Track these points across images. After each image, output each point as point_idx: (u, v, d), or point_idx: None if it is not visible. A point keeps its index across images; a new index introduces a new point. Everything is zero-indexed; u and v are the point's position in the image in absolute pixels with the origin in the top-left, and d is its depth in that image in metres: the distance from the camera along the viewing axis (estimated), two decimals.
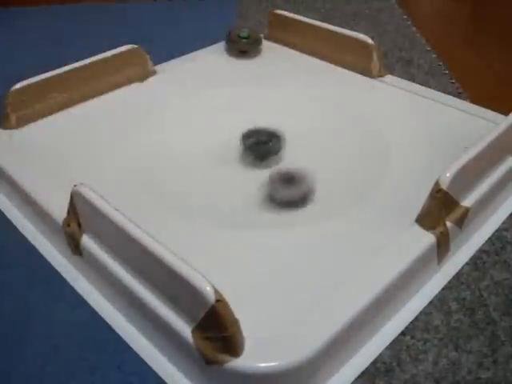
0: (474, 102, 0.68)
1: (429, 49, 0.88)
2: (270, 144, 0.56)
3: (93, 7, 1.10)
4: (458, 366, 0.40)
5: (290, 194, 0.50)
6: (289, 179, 0.51)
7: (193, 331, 0.36)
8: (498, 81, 0.79)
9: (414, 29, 0.96)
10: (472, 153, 0.46)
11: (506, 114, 0.61)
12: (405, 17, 1.01)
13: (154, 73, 0.72)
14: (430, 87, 0.70)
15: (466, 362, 0.40)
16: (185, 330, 0.37)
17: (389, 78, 0.70)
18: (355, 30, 0.72)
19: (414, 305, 0.44)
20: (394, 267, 0.42)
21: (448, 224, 0.46)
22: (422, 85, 0.69)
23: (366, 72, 0.70)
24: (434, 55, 0.86)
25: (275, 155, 0.57)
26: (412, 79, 0.75)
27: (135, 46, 0.70)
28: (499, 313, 0.44)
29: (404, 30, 0.95)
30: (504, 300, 0.45)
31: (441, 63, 0.83)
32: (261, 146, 0.56)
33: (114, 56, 0.68)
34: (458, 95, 0.72)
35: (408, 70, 0.81)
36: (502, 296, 0.45)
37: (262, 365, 0.35)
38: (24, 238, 0.52)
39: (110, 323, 0.43)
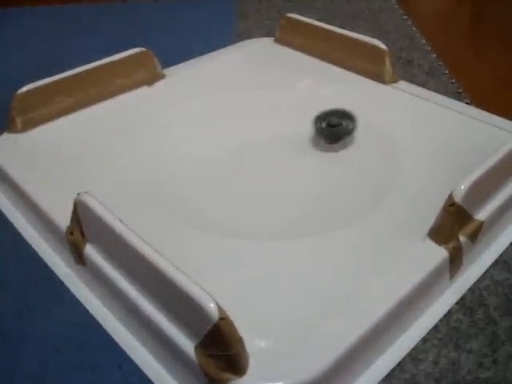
0: (473, 102, 0.68)
1: (429, 49, 0.88)
2: (342, 125, 0.58)
3: (93, 7, 1.10)
4: (458, 366, 0.40)
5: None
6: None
7: (196, 348, 0.36)
8: (498, 81, 0.79)
9: (414, 29, 0.96)
10: (487, 165, 0.45)
11: (504, 113, 0.61)
12: (405, 17, 1.01)
13: (162, 76, 0.71)
14: (429, 87, 0.70)
15: (465, 362, 0.40)
16: (188, 346, 0.36)
17: (402, 84, 0.69)
18: (355, 31, 0.72)
19: (425, 321, 0.43)
20: (405, 282, 0.41)
21: (461, 238, 0.45)
22: (421, 85, 0.69)
23: (378, 78, 0.68)
24: (434, 55, 0.86)
25: (348, 136, 0.58)
26: (412, 79, 0.75)
27: (143, 49, 0.69)
28: (499, 312, 0.44)
29: (404, 30, 0.96)
30: (504, 300, 0.45)
31: (441, 63, 0.83)
32: (333, 128, 0.58)
33: (121, 59, 0.67)
34: (458, 95, 0.72)
35: (408, 69, 0.81)
36: (502, 296, 0.46)
37: None
38: (27, 244, 0.52)
39: (112, 336, 0.43)
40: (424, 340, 0.42)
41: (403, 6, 1.06)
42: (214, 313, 0.33)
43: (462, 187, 0.43)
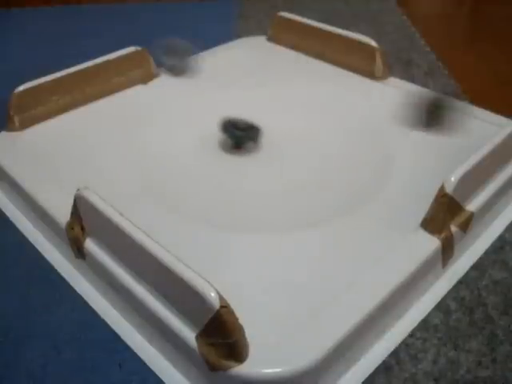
0: (472, 102, 0.68)
1: (428, 49, 0.88)
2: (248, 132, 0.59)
3: (93, 8, 1.10)
4: (457, 365, 0.40)
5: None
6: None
7: (197, 337, 0.36)
8: (497, 81, 0.80)
9: (414, 29, 0.96)
10: (477, 157, 0.46)
11: (504, 114, 0.61)
12: (404, 17, 1.02)
13: (157, 75, 0.72)
14: (429, 87, 0.71)
15: (464, 361, 0.40)
16: (189, 335, 0.37)
17: (392, 80, 0.70)
18: (355, 31, 0.72)
19: (419, 309, 0.44)
20: (399, 271, 0.42)
21: (453, 228, 0.46)
22: (421, 85, 0.69)
23: (369, 74, 0.69)
24: (434, 55, 0.86)
25: (253, 143, 0.59)
26: (411, 79, 0.75)
27: (139, 48, 0.70)
28: (498, 312, 0.44)
29: (403, 31, 0.96)
30: (503, 299, 0.45)
31: (440, 63, 0.83)
32: (239, 131, 0.59)
33: (117, 58, 0.68)
34: (457, 95, 0.72)
35: (407, 70, 0.81)
36: (501, 295, 0.46)
37: (267, 371, 0.35)
38: (27, 241, 0.52)
39: (113, 328, 0.43)
40: (423, 339, 0.42)
41: (403, 7, 1.07)
42: (215, 301, 0.34)
43: (453, 179, 0.44)
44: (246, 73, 0.73)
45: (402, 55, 0.86)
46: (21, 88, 0.61)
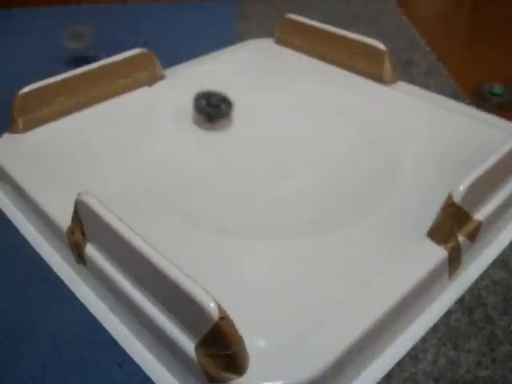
0: (472, 103, 0.68)
1: (428, 49, 0.88)
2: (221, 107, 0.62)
3: (93, 8, 1.10)
4: (457, 365, 0.40)
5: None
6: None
7: (196, 348, 0.35)
8: (497, 81, 0.80)
9: (414, 30, 0.96)
10: (486, 166, 0.45)
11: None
12: (404, 18, 1.02)
13: (163, 77, 0.71)
14: (428, 88, 0.70)
15: (464, 361, 0.41)
16: (188, 346, 0.36)
17: (401, 84, 0.69)
18: (355, 31, 0.72)
19: (425, 320, 0.43)
20: (404, 282, 0.41)
21: (460, 238, 0.45)
22: (421, 85, 0.69)
23: (377, 78, 0.69)
24: (434, 56, 0.86)
25: (224, 117, 0.63)
26: (411, 80, 0.75)
27: (145, 50, 0.69)
28: (498, 312, 0.44)
29: (403, 31, 0.96)
30: (502, 299, 0.46)
31: (440, 64, 0.84)
32: (211, 108, 0.62)
33: (123, 60, 0.67)
34: (457, 96, 0.73)
35: (407, 70, 0.82)
36: (501, 295, 0.46)
37: None
38: (28, 244, 0.52)
39: (112, 334, 0.43)
40: (423, 339, 0.42)
41: (403, 8, 1.07)
42: (215, 312, 0.33)
43: (461, 187, 0.43)
44: (254, 76, 0.73)
45: (401, 55, 0.86)
46: (25, 89, 0.60)
